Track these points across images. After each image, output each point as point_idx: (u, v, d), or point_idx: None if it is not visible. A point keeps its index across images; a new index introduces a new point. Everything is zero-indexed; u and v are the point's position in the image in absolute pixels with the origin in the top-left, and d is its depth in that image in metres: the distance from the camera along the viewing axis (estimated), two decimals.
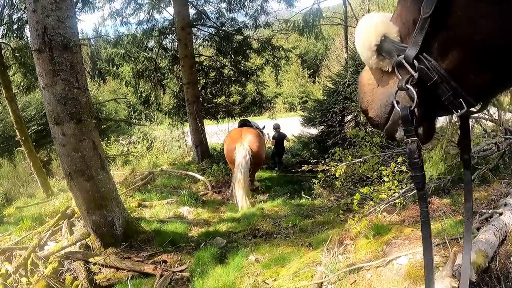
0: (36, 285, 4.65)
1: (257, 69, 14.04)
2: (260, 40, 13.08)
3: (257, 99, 14.78)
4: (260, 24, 13.28)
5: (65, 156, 5.29)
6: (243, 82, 14.72)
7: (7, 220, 8.91)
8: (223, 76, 14.04)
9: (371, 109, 1.14)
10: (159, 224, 6.75)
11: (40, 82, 5.10)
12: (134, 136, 16.49)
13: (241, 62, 13.74)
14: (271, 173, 10.58)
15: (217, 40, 13.42)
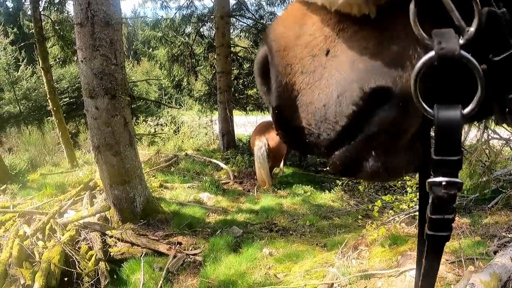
0: (52, 250, 4.79)
1: None
2: None
3: None
4: None
5: (95, 129, 5.43)
6: None
7: (30, 185, 9.18)
8: None
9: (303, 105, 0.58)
10: (178, 206, 6.86)
11: (79, 55, 5.25)
12: (162, 118, 16.69)
13: None
14: (294, 170, 10.53)
15: (254, 32, 13.43)
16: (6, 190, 8.74)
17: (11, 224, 6.07)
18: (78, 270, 4.57)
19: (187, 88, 14.95)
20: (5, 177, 9.56)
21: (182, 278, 4.64)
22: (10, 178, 9.67)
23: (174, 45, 13.70)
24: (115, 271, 4.75)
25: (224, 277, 4.43)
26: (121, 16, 5.55)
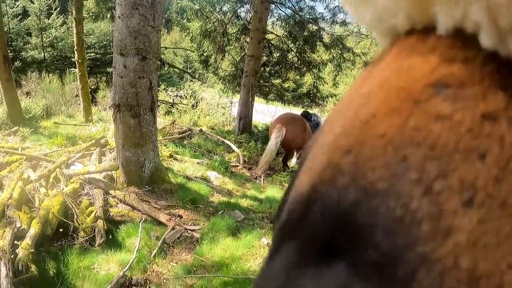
0: (53, 198, 4.77)
1: (321, 63, 13.82)
2: (333, 36, 12.80)
3: (312, 93, 14.63)
4: (337, 20, 12.99)
5: (119, 88, 5.38)
6: (303, 72, 14.54)
7: (42, 132, 9.21)
8: (286, 59, 13.87)
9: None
10: (184, 179, 6.82)
11: (117, 11, 5.18)
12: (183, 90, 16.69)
13: (307, 51, 13.49)
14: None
15: (291, 23, 13.26)
16: (17, 132, 8.79)
17: (16, 166, 6.06)
18: (76, 224, 4.53)
19: (213, 65, 14.87)
20: (19, 119, 9.61)
21: (176, 251, 4.61)
22: (23, 121, 9.71)
23: (209, 20, 13.60)
24: (112, 231, 4.71)
25: (218, 259, 4.40)
26: None
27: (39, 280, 3.64)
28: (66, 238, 4.48)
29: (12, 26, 20.65)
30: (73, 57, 12.63)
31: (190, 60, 25.53)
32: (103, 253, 4.28)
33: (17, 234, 3.97)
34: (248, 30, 13.01)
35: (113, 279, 3.74)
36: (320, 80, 14.38)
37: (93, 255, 4.23)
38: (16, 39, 20.81)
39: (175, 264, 4.33)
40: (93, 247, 4.38)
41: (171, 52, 22.98)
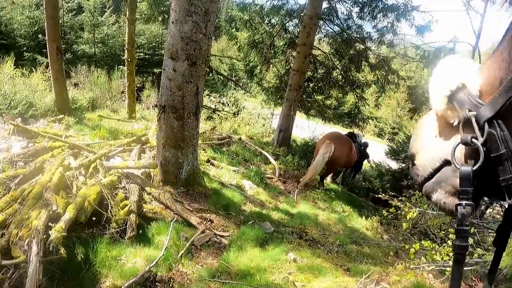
0: (90, 188, 4.87)
1: (365, 83, 13.69)
2: (380, 57, 12.64)
3: (353, 113, 14.48)
4: (384, 41, 12.74)
5: (167, 90, 5.50)
6: (346, 91, 14.39)
7: (86, 123, 9.51)
8: (331, 77, 13.77)
9: (419, 156, 1.02)
10: (219, 185, 6.88)
11: (171, 16, 5.30)
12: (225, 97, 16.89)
13: (352, 70, 13.39)
14: (339, 187, 10.36)
15: (338, 40, 13.21)
16: (62, 120, 9.11)
17: (58, 152, 6.26)
18: (109, 215, 4.62)
19: (258, 76, 14.98)
20: (65, 107, 9.97)
21: (203, 254, 4.62)
22: (69, 110, 10.07)
23: (257, 32, 13.75)
24: (143, 227, 4.76)
25: (244, 267, 4.37)
26: None
27: (67, 263, 3.73)
28: (98, 227, 4.57)
29: (67, 20, 21.60)
30: (123, 55, 13.06)
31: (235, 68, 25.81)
32: (132, 247, 4.33)
33: (52, 216, 4.07)
34: (295, 44, 13.05)
35: (139, 272, 3.78)
36: (362, 101, 14.21)
37: (122, 247, 4.28)
38: (69, 32, 21.75)
39: (200, 267, 4.32)
40: (123, 239, 4.44)
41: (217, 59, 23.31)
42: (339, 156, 8.84)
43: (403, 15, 11.62)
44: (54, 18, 9.66)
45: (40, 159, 5.84)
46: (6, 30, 21.01)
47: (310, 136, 13.90)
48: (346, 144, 9.25)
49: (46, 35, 9.70)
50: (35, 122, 8.99)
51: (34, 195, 4.51)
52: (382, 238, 7.28)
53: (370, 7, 12.14)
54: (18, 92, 9.59)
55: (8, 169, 5.70)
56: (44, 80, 12.32)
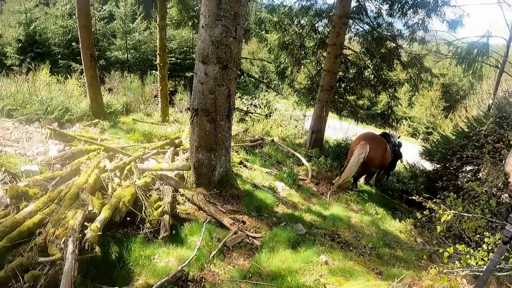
0: (125, 189, 5.00)
1: (397, 83, 13.41)
2: (412, 55, 12.31)
3: (386, 113, 14.21)
4: (416, 38, 12.37)
5: (199, 93, 5.56)
6: (379, 91, 14.13)
7: (120, 126, 9.72)
8: (363, 76, 13.55)
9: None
10: (252, 187, 6.90)
11: (201, 21, 5.35)
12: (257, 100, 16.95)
13: (384, 69, 13.14)
14: (372, 189, 10.20)
15: (368, 39, 13.00)
16: (97, 124, 9.35)
17: (94, 155, 6.46)
18: (143, 215, 4.72)
19: (289, 77, 14.93)
20: (100, 112, 10.24)
21: (235, 255, 4.63)
22: (104, 114, 10.35)
23: (287, 33, 13.70)
24: (176, 227, 4.83)
25: (275, 269, 4.35)
26: None
27: (101, 261, 3.83)
28: (132, 227, 4.68)
29: (99, 28, 22.24)
30: (155, 60, 13.28)
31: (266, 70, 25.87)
32: (165, 246, 4.42)
33: (87, 216, 4.21)
34: (325, 45, 12.93)
35: (171, 272, 3.84)
36: (395, 100, 13.93)
37: (155, 247, 4.37)
38: (102, 39, 22.37)
39: (232, 268, 4.34)
40: (156, 239, 4.53)
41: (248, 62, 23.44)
42: (374, 157, 8.73)
43: (433, 11, 11.31)
44: (87, 26, 9.95)
45: (77, 162, 6.03)
46: (40, 39, 21.78)
47: (343, 137, 13.76)
48: (381, 145, 9.13)
49: (80, 43, 9.99)
50: (71, 126, 9.26)
51: (70, 196, 4.66)
52: (415, 241, 7.12)
53: (399, 4, 11.87)
54: (54, 98, 9.90)
55: (45, 171, 5.92)
56: (79, 86, 12.70)
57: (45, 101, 9.57)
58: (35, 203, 4.52)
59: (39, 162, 6.21)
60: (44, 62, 16.52)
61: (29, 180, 5.18)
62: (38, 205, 4.47)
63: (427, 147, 11.07)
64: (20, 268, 3.54)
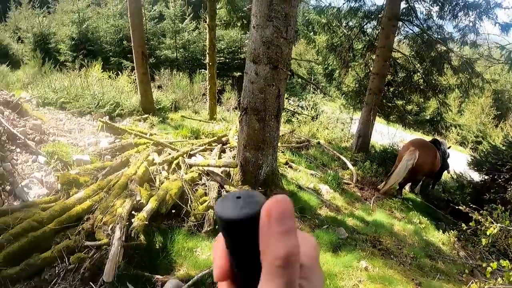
0: (172, 182, 5.17)
1: (448, 88, 12.93)
2: (462, 59, 11.77)
3: (435, 119, 13.77)
4: (466, 41, 11.83)
5: (249, 92, 5.62)
6: (428, 96, 13.67)
7: (169, 123, 9.99)
8: (412, 80, 13.16)
9: None
10: (296, 188, 6.91)
11: (252, 21, 5.40)
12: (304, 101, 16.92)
13: (434, 74, 12.66)
14: (417, 197, 9.95)
15: (418, 42, 12.62)
16: (147, 119, 9.66)
17: (143, 148, 6.72)
18: (188, 209, 4.87)
19: (337, 80, 14.76)
20: (150, 108, 10.59)
21: None
22: (153, 110, 10.70)
23: (336, 35, 13.53)
24: None
25: None
26: None
27: (145, 249, 3.99)
28: (176, 219, 4.85)
29: (149, 27, 22.85)
30: (203, 59, 13.56)
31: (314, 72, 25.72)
32: (208, 240, 4.53)
33: (135, 206, 4.41)
34: (374, 47, 12.69)
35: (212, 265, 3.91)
36: (445, 107, 13.46)
37: (198, 240, 4.50)
38: (152, 39, 23.00)
39: None
40: (199, 233, 4.66)
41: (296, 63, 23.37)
42: (424, 163, 8.53)
43: (485, 13, 10.83)
44: (139, 26, 10.34)
45: (126, 154, 6.29)
46: (93, 37, 22.70)
47: (390, 142, 13.48)
48: (431, 151, 8.90)
49: (131, 42, 10.37)
50: (121, 120, 9.61)
51: (119, 186, 4.87)
52: (458, 254, 6.88)
53: (450, 5, 11.43)
54: (106, 93, 10.32)
55: (96, 161, 6.22)
56: (129, 83, 13.18)
57: (97, 95, 9.99)
58: (85, 190, 4.77)
59: (90, 152, 6.52)
60: (96, 59, 17.18)
61: (80, 169, 5.48)
62: (87, 192, 4.71)
63: (476, 157, 10.66)
64: (66, 250, 3.77)
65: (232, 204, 0.43)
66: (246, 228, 0.42)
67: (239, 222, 0.42)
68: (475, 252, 7.01)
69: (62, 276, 3.59)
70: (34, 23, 24.03)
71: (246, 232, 0.42)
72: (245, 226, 0.41)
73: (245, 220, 0.41)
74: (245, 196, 0.44)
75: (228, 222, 0.42)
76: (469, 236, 6.75)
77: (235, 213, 0.42)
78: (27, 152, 5.94)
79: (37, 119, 7.22)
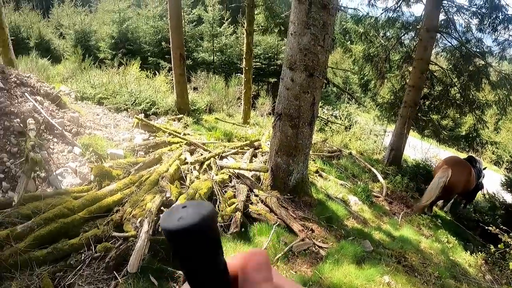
0: (202, 182, 5.31)
1: (485, 104, 12.52)
2: (501, 74, 11.34)
3: (471, 136, 13.39)
4: (505, 56, 11.57)
5: (284, 98, 5.66)
6: (465, 111, 13.26)
7: (203, 124, 10.15)
8: (448, 95, 12.80)
9: None
10: (325, 197, 6.89)
11: (290, 28, 5.44)
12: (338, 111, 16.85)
13: (471, 88, 12.24)
14: (447, 215, 9.73)
15: (456, 55, 12.31)
16: (181, 119, 9.84)
17: (176, 147, 6.88)
18: (216, 209, 4.93)
19: (372, 90, 14.60)
20: (185, 108, 10.80)
21: (299, 261, 4.67)
22: (188, 111, 10.92)
23: (372, 45, 13.38)
24: (246, 225, 5.00)
25: (337, 281, 4.32)
26: (338, 2, 5.58)
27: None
28: None
29: (188, 30, 23.25)
30: (240, 63, 13.71)
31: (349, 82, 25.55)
32: (233, 242, 4.60)
33: (164, 202, 4.53)
34: (411, 59, 12.50)
35: None
36: (481, 123, 13.06)
37: (224, 241, 4.56)
38: (190, 41, 23.41)
39: (293, 273, 4.38)
40: (225, 234, 4.73)
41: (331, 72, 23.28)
42: (457, 182, 8.42)
43: None
44: (178, 28, 10.56)
45: (159, 151, 6.46)
46: (132, 37, 23.31)
47: (422, 157, 13.22)
48: (465, 170, 8.73)
49: (170, 43, 10.63)
50: (156, 118, 9.82)
51: (150, 181, 5.01)
52: (484, 277, 6.68)
53: (490, 18, 11.11)
54: (143, 91, 10.59)
55: (129, 156, 6.42)
56: (166, 83, 13.45)
57: (134, 93, 10.25)
58: (117, 183, 4.93)
59: (124, 147, 6.71)
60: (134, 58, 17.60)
61: (114, 162, 5.68)
62: (119, 185, 4.88)
63: (510, 177, 10.34)
64: (94, 238, 3.94)
65: (175, 215, 0.43)
66: (184, 239, 0.42)
67: (175, 233, 0.42)
68: (502, 277, 6.80)
69: (88, 263, 3.75)
70: (76, 20, 24.92)
71: (185, 243, 0.43)
72: (181, 237, 0.42)
73: (181, 231, 0.41)
74: (190, 206, 0.45)
75: (166, 233, 0.42)
76: (497, 259, 6.57)
77: (173, 224, 0.42)
78: (63, 143, 6.18)
79: (75, 112, 7.48)
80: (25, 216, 4.10)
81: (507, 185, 9.93)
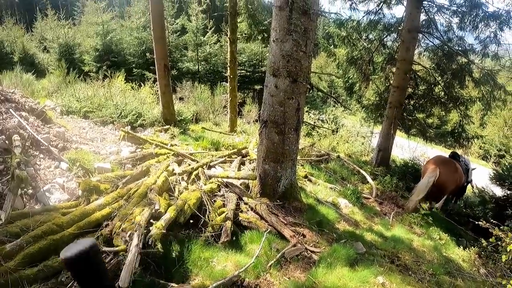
0: (191, 192, 5.25)
1: (469, 100, 12.63)
2: (484, 71, 11.53)
3: (457, 132, 13.51)
4: (488, 53, 11.63)
5: (269, 105, 5.67)
6: (449, 108, 13.40)
7: (190, 134, 10.13)
8: (433, 93, 12.98)
9: None
10: (315, 201, 6.90)
11: (272, 35, 5.47)
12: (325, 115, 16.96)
13: (455, 86, 12.47)
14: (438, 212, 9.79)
15: (439, 54, 12.47)
16: (168, 130, 9.81)
17: (164, 158, 6.84)
18: (206, 219, 4.93)
19: (357, 93, 14.70)
20: (171, 119, 10.77)
21: (292, 267, 4.64)
22: (175, 121, 10.88)
23: (355, 48, 13.50)
24: (237, 234, 4.98)
25: (330, 285, 4.30)
26: (318, 7, 5.60)
27: (162, 257, 4.07)
28: (194, 229, 4.92)
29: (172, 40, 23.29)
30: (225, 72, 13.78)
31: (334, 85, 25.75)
32: (224, 251, 4.56)
33: (154, 214, 4.49)
34: (394, 60, 12.66)
35: (228, 276, 3.96)
36: (466, 119, 13.22)
37: (215, 250, 4.53)
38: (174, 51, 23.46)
39: (287, 279, 4.35)
40: (216, 243, 4.71)
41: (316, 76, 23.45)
42: (447, 181, 8.61)
43: (506, 23, 10.66)
44: (162, 38, 10.55)
45: (147, 163, 6.41)
46: (116, 49, 23.32)
47: (410, 157, 13.32)
48: (452, 168, 8.90)
49: (154, 54, 10.60)
50: (143, 130, 9.78)
51: (139, 194, 4.97)
52: (478, 271, 6.71)
53: (470, 17, 11.26)
54: (128, 104, 10.54)
55: (117, 169, 6.37)
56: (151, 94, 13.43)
57: (119, 105, 10.19)
58: (105, 197, 4.90)
59: (111, 160, 6.66)
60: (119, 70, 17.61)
61: (101, 176, 5.64)
62: (107, 200, 4.84)
63: (498, 171, 10.46)
64: None
65: (70, 247, 0.47)
66: (69, 267, 0.46)
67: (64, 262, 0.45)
68: (496, 269, 6.83)
69: None
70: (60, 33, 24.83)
71: (72, 270, 0.46)
72: (68, 266, 0.45)
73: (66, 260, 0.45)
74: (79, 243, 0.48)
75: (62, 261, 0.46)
76: (490, 253, 6.61)
77: (62, 255, 0.46)
78: (50, 158, 6.11)
79: (60, 127, 7.41)
80: (14, 234, 4.03)
81: (496, 179, 10.05)
